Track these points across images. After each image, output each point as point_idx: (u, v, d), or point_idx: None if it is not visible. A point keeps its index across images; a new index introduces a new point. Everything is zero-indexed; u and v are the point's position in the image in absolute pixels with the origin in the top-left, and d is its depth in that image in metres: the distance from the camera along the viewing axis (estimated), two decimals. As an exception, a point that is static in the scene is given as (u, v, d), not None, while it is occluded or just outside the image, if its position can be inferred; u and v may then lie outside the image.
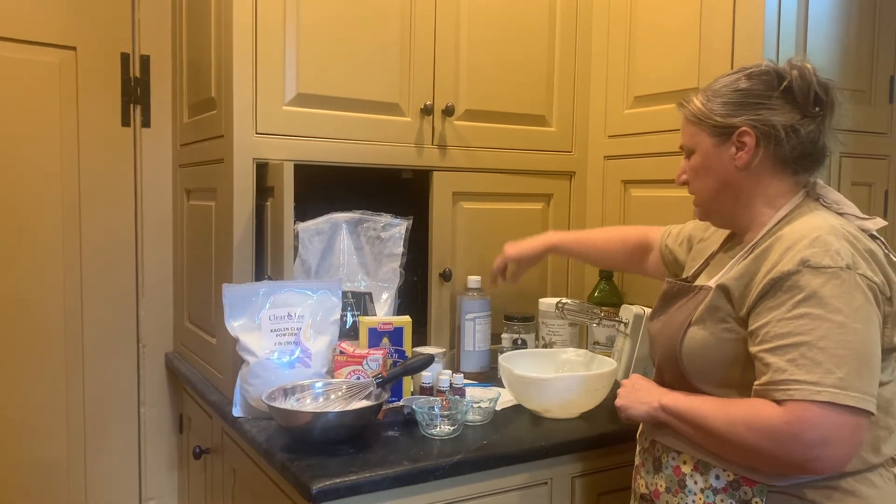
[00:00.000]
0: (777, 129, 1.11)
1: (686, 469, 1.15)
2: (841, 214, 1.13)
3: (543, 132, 2.03)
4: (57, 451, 2.07)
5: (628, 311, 1.68)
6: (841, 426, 0.96)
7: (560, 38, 2.02)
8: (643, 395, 1.20)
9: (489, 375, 1.84)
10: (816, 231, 1.05)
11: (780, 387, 0.99)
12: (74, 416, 2.09)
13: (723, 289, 1.13)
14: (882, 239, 1.11)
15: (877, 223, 1.12)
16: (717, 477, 1.11)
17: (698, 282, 1.25)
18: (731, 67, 1.61)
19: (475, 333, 1.84)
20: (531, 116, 2.00)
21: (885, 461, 1.10)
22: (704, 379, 1.14)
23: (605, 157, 2.03)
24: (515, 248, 1.71)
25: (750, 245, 1.15)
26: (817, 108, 1.12)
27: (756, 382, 1.04)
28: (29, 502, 2.04)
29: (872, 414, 0.99)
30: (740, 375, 1.10)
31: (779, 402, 0.99)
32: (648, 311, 1.46)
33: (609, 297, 1.92)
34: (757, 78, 1.14)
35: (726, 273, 1.15)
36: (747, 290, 1.09)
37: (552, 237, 1.72)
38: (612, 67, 1.99)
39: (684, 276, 1.34)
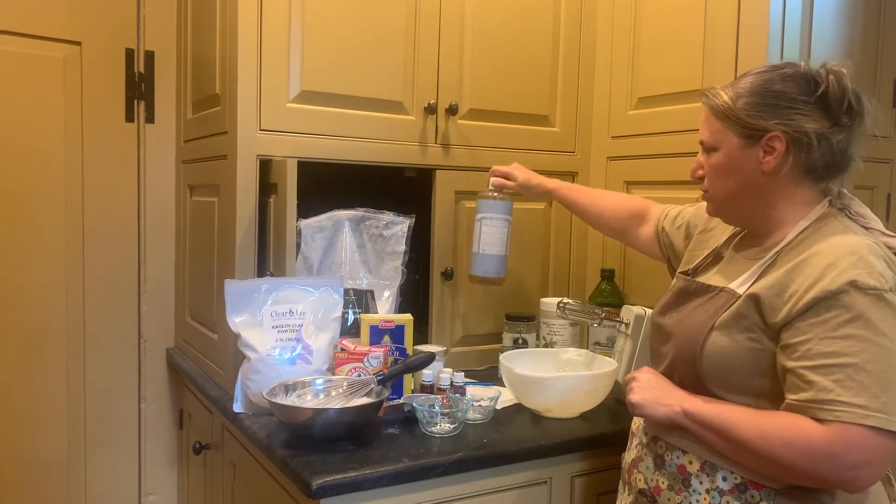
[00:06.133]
0: (810, 137, 1.08)
1: (692, 469, 1.14)
2: (867, 229, 1.11)
3: (547, 132, 2.03)
4: (57, 446, 2.08)
5: (629, 312, 1.67)
6: (883, 449, 0.97)
7: (564, 39, 2.03)
8: (662, 397, 1.15)
9: (489, 374, 1.84)
10: (857, 250, 1.03)
11: (826, 406, 0.98)
12: (75, 410, 2.09)
13: (753, 298, 1.09)
14: None
15: None
16: (724, 479, 1.10)
17: (710, 281, 1.22)
18: (735, 69, 1.61)
19: (481, 234, 1.72)
20: (534, 116, 2.01)
21: None
22: (721, 385, 1.12)
23: (608, 157, 2.03)
24: (524, 172, 1.72)
25: (773, 252, 1.12)
26: (847, 118, 1.09)
27: (792, 397, 1.02)
28: (29, 497, 2.04)
29: None
30: (759, 384, 1.08)
31: (821, 420, 0.98)
32: (649, 311, 1.45)
33: (610, 297, 1.92)
34: (791, 80, 1.10)
35: (753, 280, 1.12)
36: (780, 302, 1.05)
37: (557, 182, 1.72)
38: (615, 68, 1.99)
39: (685, 265, 1.32)
